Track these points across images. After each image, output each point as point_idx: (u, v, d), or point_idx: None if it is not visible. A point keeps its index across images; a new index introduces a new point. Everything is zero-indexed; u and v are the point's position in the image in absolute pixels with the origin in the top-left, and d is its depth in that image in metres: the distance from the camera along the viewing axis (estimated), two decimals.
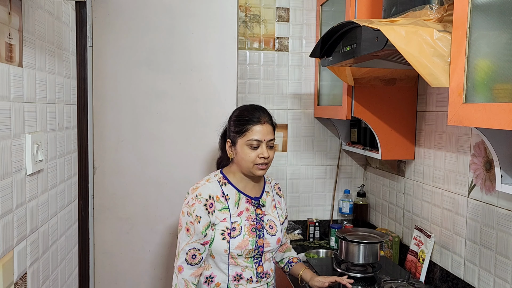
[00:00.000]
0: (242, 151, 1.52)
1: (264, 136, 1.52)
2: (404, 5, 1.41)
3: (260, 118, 1.53)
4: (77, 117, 1.85)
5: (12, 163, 1.16)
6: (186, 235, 1.50)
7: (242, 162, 1.53)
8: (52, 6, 1.49)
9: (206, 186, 1.54)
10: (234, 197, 1.56)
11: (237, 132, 1.53)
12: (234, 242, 1.50)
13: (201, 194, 1.51)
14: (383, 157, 1.94)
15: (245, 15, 2.37)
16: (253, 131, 1.51)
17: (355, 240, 1.86)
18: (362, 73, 1.85)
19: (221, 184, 1.57)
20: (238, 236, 1.51)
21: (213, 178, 1.59)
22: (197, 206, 1.49)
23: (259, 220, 1.57)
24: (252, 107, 1.59)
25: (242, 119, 1.54)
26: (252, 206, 1.58)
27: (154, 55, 2.06)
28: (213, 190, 1.53)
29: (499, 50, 1.01)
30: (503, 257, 1.42)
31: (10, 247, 1.15)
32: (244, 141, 1.51)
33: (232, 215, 1.53)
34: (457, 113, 1.10)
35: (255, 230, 1.54)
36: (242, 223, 1.53)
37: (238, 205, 1.55)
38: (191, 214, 1.50)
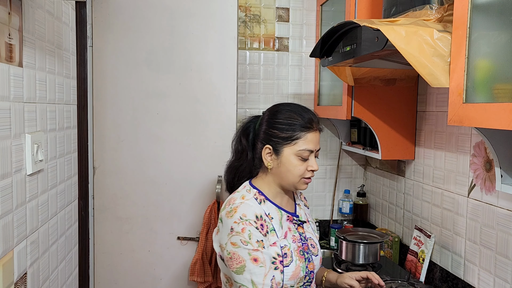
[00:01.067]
0: (290, 162, 1.27)
1: (316, 145, 1.30)
2: (404, 5, 1.41)
3: (313, 123, 1.29)
4: (77, 117, 1.85)
5: (12, 163, 1.16)
6: (258, 266, 1.18)
7: (287, 175, 1.28)
8: (52, 6, 1.49)
9: (246, 205, 1.24)
10: (276, 216, 1.30)
11: (285, 138, 1.27)
12: (288, 272, 1.23)
13: (246, 215, 1.21)
14: (383, 157, 1.94)
15: (245, 15, 2.37)
16: (306, 139, 1.27)
17: (355, 240, 1.86)
18: (362, 73, 1.85)
19: (259, 201, 1.29)
20: (291, 263, 1.24)
21: (247, 194, 1.30)
22: (250, 229, 1.19)
23: (304, 239, 1.33)
24: (300, 107, 1.33)
25: (292, 123, 1.28)
26: (293, 224, 1.33)
27: (154, 55, 2.06)
28: (257, 209, 1.25)
29: (499, 50, 1.01)
30: (503, 257, 1.42)
31: (10, 247, 1.15)
32: (294, 151, 1.26)
33: (280, 237, 1.26)
34: (457, 113, 1.10)
35: (303, 253, 1.30)
36: (291, 246, 1.27)
37: (281, 225, 1.29)
38: (249, 241, 1.18)
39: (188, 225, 2.13)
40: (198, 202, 2.12)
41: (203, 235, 2.06)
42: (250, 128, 1.37)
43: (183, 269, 2.14)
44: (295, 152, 1.26)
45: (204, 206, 2.11)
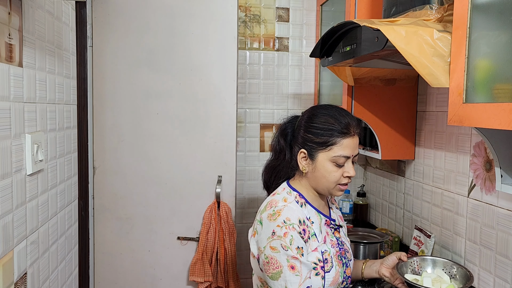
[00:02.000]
0: (324, 168, 1.24)
1: (353, 151, 1.24)
2: (404, 5, 1.41)
3: (350, 129, 1.24)
4: (77, 117, 1.85)
5: (12, 163, 1.16)
6: (293, 274, 1.15)
7: (322, 181, 1.25)
8: (52, 6, 1.49)
9: (290, 209, 1.22)
10: (316, 220, 1.28)
11: (320, 144, 1.24)
12: (329, 278, 1.21)
13: (290, 219, 1.19)
14: (383, 157, 1.94)
15: (245, 15, 2.37)
16: (342, 145, 1.22)
17: (355, 240, 1.86)
18: (362, 73, 1.85)
19: (300, 204, 1.26)
20: (331, 269, 1.23)
21: (288, 196, 1.27)
22: (293, 235, 1.17)
23: (341, 244, 1.31)
24: (338, 111, 1.28)
25: (328, 127, 1.24)
26: (330, 228, 1.32)
27: (154, 55, 2.06)
28: (300, 213, 1.23)
29: (499, 50, 1.01)
30: (503, 257, 1.42)
31: (10, 247, 1.15)
32: (329, 157, 1.23)
33: (320, 242, 1.24)
34: (457, 113, 1.10)
35: (341, 258, 1.28)
36: (331, 251, 1.25)
37: (321, 229, 1.27)
38: (289, 247, 1.15)
39: (188, 225, 2.13)
40: (198, 202, 2.12)
41: (203, 235, 2.06)
42: (288, 129, 1.35)
43: (183, 269, 2.14)
44: (330, 158, 1.23)
45: (204, 206, 2.11)
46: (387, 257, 1.43)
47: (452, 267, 1.45)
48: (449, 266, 1.47)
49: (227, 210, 2.09)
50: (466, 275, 1.39)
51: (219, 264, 2.08)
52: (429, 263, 1.49)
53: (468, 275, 1.37)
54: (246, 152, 2.43)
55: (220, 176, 2.11)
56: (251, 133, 2.43)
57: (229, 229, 2.09)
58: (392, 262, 1.40)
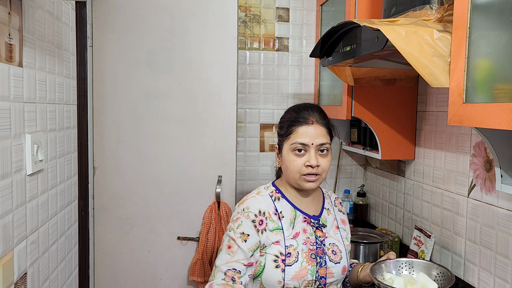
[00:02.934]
0: (287, 158, 1.30)
1: (312, 139, 1.27)
2: (404, 5, 1.41)
3: (308, 118, 1.30)
4: (77, 117, 1.85)
5: (12, 163, 1.16)
6: (227, 253, 1.26)
7: (288, 172, 1.31)
8: (52, 6, 1.49)
9: (255, 199, 1.31)
10: (289, 215, 1.32)
11: (282, 135, 1.32)
12: (290, 271, 1.24)
13: (249, 207, 1.28)
14: (383, 157, 1.94)
15: (245, 15, 2.37)
16: (298, 133, 1.28)
17: (355, 240, 1.86)
18: (362, 73, 1.85)
19: (274, 198, 1.33)
20: (294, 263, 1.25)
21: (264, 191, 1.36)
22: (243, 221, 1.26)
23: (320, 244, 1.31)
24: (301, 105, 1.36)
25: (288, 119, 1.33)
26: (310, 226, 1.33)
27: (154, 55, 2.06)
28: (264, 205, 1.30)
29: (499, 50, 1.01)
30: (503, 257, 1.42)
31: (10, 247, 1.15)
32: (288, 146, 1.29)
33: (287, 237, 1.28)
34: (457, 113, 1.10)
35: (315, 257, 1.29)
36: (299, 247, 1.28)
37: (293, 225, 1.31)
38: (234, 229, 1.27)
39: (188, 225, 2.13)
40: (198, 202, 2.12)
41: (203, 235, 2.06)
42: None
43: (183, 269, 2.14)
44: (290, 147, 1.30)
45: (204, 206, 2.11)
46: (380, 259, 1.41)
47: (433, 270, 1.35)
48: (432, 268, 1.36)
49: (227, 210, 2.09)
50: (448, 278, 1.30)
51: None
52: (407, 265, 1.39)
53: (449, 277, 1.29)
54: (246, 152, 2.43)
55: (220, 176, 2.11)
56: (251, 133, 2.43)
57: None
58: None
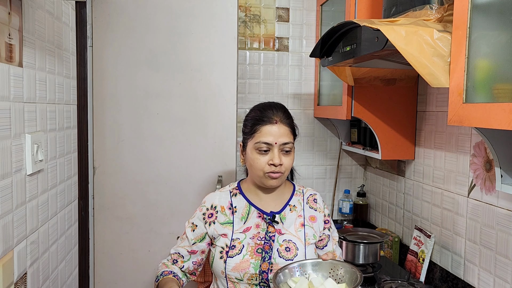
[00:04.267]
0: (251, 156, 1.33)
1: (275, 138, 1.30)
2: (404, 5, 1.41)
3: (272, 117, 1.32)
4: (77, 117, 1.85)
5: (12, 163, 1.16)
6: (180, 238, 1.43)
7: (252, 170, 1.34)
8: (52, 6, 1.49)
9: (214, 195, 1.42)
10: (242, 210, 1.37)
11: (246, 133, 1.36)
12: (230, 262, 1.28)
13: (205, 202, 1.40)
14: (383, 157, 1.94)
15: (245, 15, 2.37)
16: (261, 132, 1.30)
17: (355, 240, 1.86)
18: (362, 73, 1.85)
19: (232, 194, 1.41)
20: (236, 255, 1.29)
21: (227, 187, 1.45)
22: (197, 213, 1.40)
23: (269, 239, 1.32)
24: (266, 104, 1.39)
25: (252, 117, 1.35)
26: (264, 222, 1.35)
27: (154, 55, 2.06)
28: (219, 200, 1.39)
29: (499, 50, 1.01)
30: (503, 257, 1.42)
31: (10, 247, 1.15)
32: (253, 144, 1.32)
33: (235, 230, 1.33)
34: (457, 113, 1.10)
35: (261, 251, 1.30)
36: (245, 241, 1.31)
37: (246, 220, 1.35)
38: (189, 220, 1.42)
39: None
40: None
41: None
42: None
43: None
44: (253, 145, 1.32)
45: None
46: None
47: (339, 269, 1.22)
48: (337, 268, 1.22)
49: None
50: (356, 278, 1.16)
51: None
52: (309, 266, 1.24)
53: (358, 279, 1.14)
54: None
55: (220, 176, 2.11)
56: None
57: None
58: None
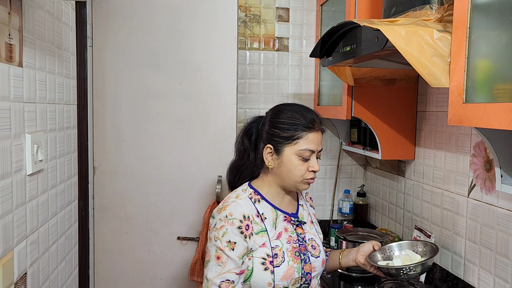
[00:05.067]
0: (290, 162, 1.27)
1: (317, 146, 1.28)
2: (404, 5, 1.41)
3: (315, 124, 1.28)
4: (77, 117, 1.85)
5: (12, 163, 1.16)
6: (217, 264, 1.21)
7: (289, 175, 1.28)
8: (52, 6, 1.49)
9: (237, 204, 1.26)
10: (270, 216, 1.30)
11: (286, 138, 1.27)
12: (279, 272, 1.23)
13: (233, 214, 1.23)
14: (383, 157, 1.94)
15: (245, 15, 2.37)
16: (307, 139, 1.26)
17: (355, 240, 1.86)
18: (362, 73, 1.85)
19: (254, 201, 1.30)
20: (282, 263, 1.24)
21: (242, 193, 1.32)
22: (228, 229, 1.22)
23: (302, 241, 1.32)
24: (302, 108, 1.32)
25: (294, 122, 1.27)
26: (291, 225, 1.33)
27: (154, 55, 2.06)
28: (247, 209, 1.26)
29: (499, 50, 1.01)
30: (503, 257, 1.42)
31: (10, 247, 1.15)
32: (295, 151, 1.26)
33: (271, 238, 1.26)
34: (457, 113, 1.10)
35: (299, 254, 1.29)
36: (284, 247, 1.27)
37: (275, 225, 1.30)
38: (220, 239, 1.22)
39: (188, 225, 2.13)
40: (198, 202, 2.12)
41: (203, 235, 2.06)
42: (253, 128, 1.37)
43: (183, 269, 2.14)
44: (296, 152, 1.26)
45: (204, 206, 2.11)
46: (362, 245, 1.48)
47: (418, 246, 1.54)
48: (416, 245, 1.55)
49: None
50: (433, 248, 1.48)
51: None
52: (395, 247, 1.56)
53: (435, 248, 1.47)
54: None
55: (220, 176, 2.11)
56: None
57: None
58: (368, 249, 1.45)
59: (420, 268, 1.40)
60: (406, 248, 1.55)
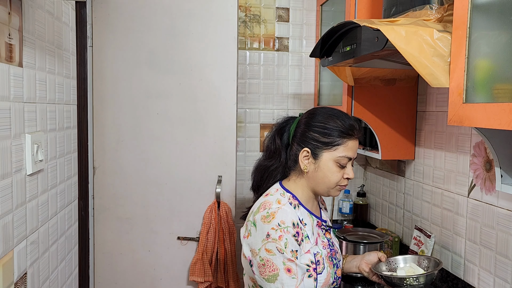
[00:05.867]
0: (327, 168, 1.24)
1: (355, 153, 1.27)
2: (404, 5, 1.41)
3: (354, 130, 1.26)
4: (77, 117, 1.85)
5: (12, 163, 1.16)
6: (290, 277, 1.16)
7: (324, 180, 1.26)
8: (52, 6, 1.49)
9: (284, 211, 1.21)
10: (309, 221, 1.28)
11: (326, 143, 1.24)
12: (321, 279, 1.22)
13: (285, 222, 1.18)
14: (383, 157, 1.94)
15: (245, 15, 2.37)
16: (347, 146, 1.24)
17: (355, 240, 1.86)
18: (362, 73, 1.85)
19: (294, 206, 1.26)
20: (323, 270, 1.23)
21: (282, 198, 1.26)
22: (288, 238, 1.17)
23: (332, 245, 1.32)
24: (343, 113, 1.30)
25: (335, 128, 1.25)
26: (321, 230, 1.32)
27: (154, 55, 2.06)
28: (293, 215, 1.22)
29: (499, 50, 1.01)
30: (503, 257, 1.42)
31: (10, 247, 1.15)
32: (334, 157, 1.24)
33: (312, 244, 1.25)
34: (457, 113, 1.10)
35: (331, 259, 1.29)
36: (323, 253, 1.26)
37: (313, 231, 1.28)
38: (284, 250, 1.15)
39: (188, 225, 2.13)
40: (198, 202, 2.12)
41: (203, 235, 2.06)
42: (286, 128, 1.34)
43: (183, 269, 2.14)
44: (335, 158, 1.24)
45: (204, 206, 2.11)
46: (368, 253, 1.48)
47: (422, 260, 1.54)
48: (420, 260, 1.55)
49: (227, 210, 2.09)
50: (436, 263, 1.48)
51: (219, 264, 2.08)
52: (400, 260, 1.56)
53: (438, 262, 1.48)
54: (246, 152, 2.43)
55: (220, 176, 2.11)
56: (251, 133, 2.43)
57: (229, 229, 2.09)
58: (373, 259, 1.45)
59: (424, 280, 1.39)
60: (411, 261, 1.55)
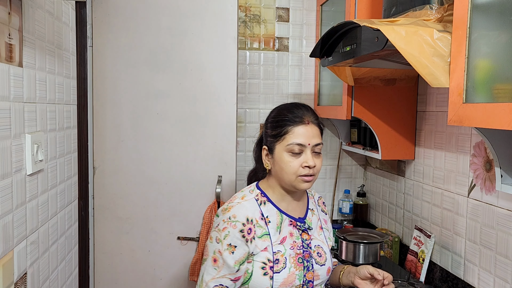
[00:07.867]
0: (281, 159, 1.24)
1: (308, 139, 1.24)
2: (404, 5, 1.41)
3: (303, 117, 1.25)
4: (77, 117, 1.85)
5: (12, 163, 1.16)
6: (213, 267, 1.21)
7: (282, 174, 1.25)
8: (52, 6, 1.49)
9: (242, 206, 1.24)
10: (275, 219, 1.27)
11: (275, 135, 1.26)
12: (278, 278, 1.21)
13: (236, 216, 1.21)
14: (383, 157, 1.94)
15: (245, 15, 2.37)
16: (294, 133, 1.23)
17: (355, 240, 1.86)
18: (362, 73, 1.85)
19: (260, 202, 1.27)
20: (282, 270, 1.21)
21: (249, 194, 1.30)
22: (230, 231, 1.20)
23: (306, 247, 1.28)
24: (292, 104, 1.31)
25: (281, 119, 1.26)
26: (296, 230, 1.29)
27: (154, 55, 2.06)
28: (251, 211, 1.24)
29: (499, 50, 1.01)
30: (503, 257, 1.42)
31: (10, 247, 1.15)
32: (284, 147, 1.24)
33: (274, 242, 1.23)
34: (457, 113, 1.10)
35: (302, 261, 1.25)
36: (287, 252, 1.24)
37: (280, 229, 1.26)
38: (221, 241, 1.20)
39: (188, 225, 2.13)
40: (198, 202, 2.12)
41: (203, 235, 2.06)
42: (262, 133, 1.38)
43: (183, 269, 2.14)
44: (285, 148, 1.24)
45: (204, 206, 2.11)
46: (360, 268, 1.32)
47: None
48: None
49: None
50: None
51: None
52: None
53: None
54: (246, 152, 2.43)
55: (220, 176, 2.11)
56: (251, 133, 2.43)
57: None
58: (363, 275, 1.29)
59: None
60: None
